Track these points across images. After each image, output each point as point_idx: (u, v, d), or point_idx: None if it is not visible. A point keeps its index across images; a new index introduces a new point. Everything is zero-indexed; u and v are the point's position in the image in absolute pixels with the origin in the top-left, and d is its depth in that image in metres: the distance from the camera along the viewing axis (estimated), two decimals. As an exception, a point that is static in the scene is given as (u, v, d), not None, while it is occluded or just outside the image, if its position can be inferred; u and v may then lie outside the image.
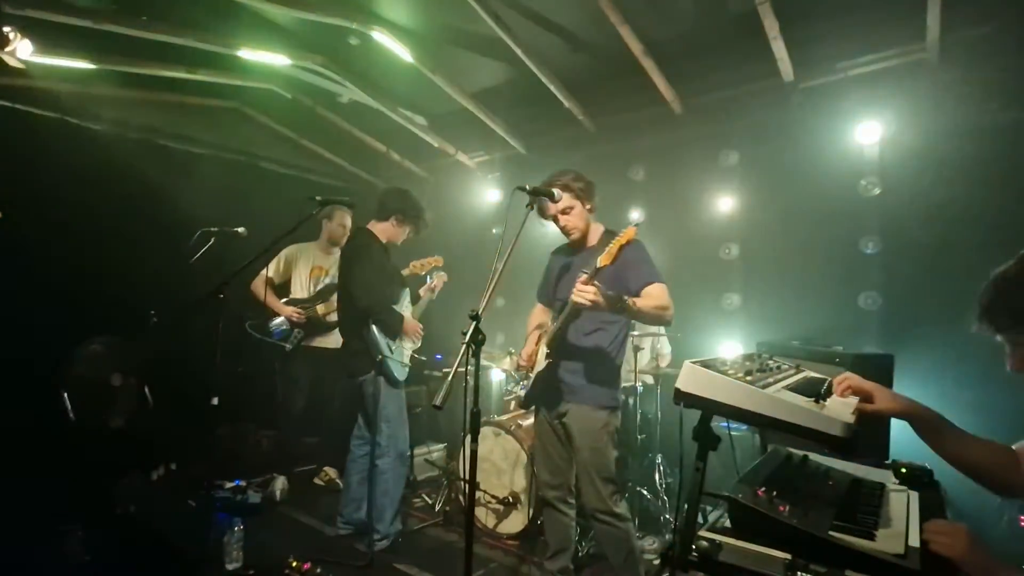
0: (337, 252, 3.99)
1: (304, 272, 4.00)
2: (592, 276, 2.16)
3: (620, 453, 2.73)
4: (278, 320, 3.87)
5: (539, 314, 2.88)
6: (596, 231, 2.62)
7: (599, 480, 2.45)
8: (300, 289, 3.99)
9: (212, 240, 3.27)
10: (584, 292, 2.16)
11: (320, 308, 3.87)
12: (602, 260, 2.15)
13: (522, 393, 2.75)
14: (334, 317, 3.84)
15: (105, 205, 3.94)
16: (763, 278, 4.00)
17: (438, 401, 1.67)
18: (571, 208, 2.51)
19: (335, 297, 3.80)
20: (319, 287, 3.97)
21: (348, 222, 4.04)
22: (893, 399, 1.45)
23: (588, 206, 2.55)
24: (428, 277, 3.72)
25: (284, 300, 3.92)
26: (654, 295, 2.34)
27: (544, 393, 2.58)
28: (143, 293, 3.52)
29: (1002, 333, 1.23)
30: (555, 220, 2.56)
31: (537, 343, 2.67)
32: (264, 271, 3.89)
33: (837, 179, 3.65)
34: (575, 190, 2.50)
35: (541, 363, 2.56)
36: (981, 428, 1.42)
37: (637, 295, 2.35)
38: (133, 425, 3.56)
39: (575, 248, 2.65)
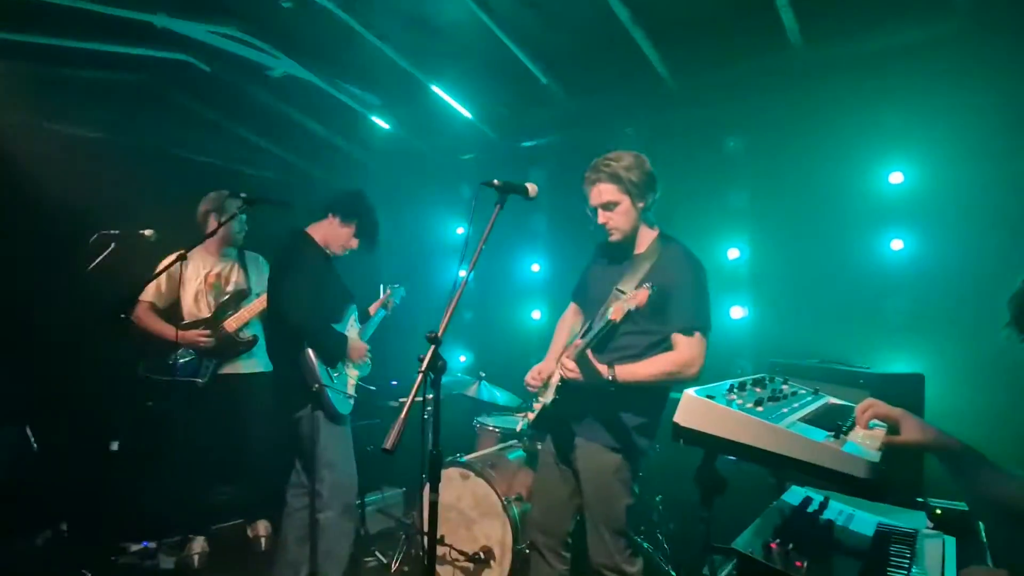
0: (233, 256, 3.90)
1: (196, 283, 3.80)
2: (587, 345, 2.19)
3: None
4: (180, 352, 3.66)
5: (571, 317, 2.86)
6: (647, 236, 2.53)
7: (608, 533, 2.43)
8: (197, 306, 3.78)
9: (112, 245, 3.16)
10: (569, 371, 2.24)
11: (231, 323, 3.74)
12: (613, 313, 2.12)
13: (520, 417, 2.74)
14: (253, 332, 3.76)
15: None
16: (775, 284, 4.07)
17: (388, 444, 1.64)
18: (616, 203, 2.42)
19: (248, 307, 3.71)
20: (223, 298, 3.80)
21: (245, 217, 3.83)
22: (922, 430, 1.47)
23: (640, 203, 2.46)
24: (381, 290, 3.67)
25: (182, 325, 3.71)
26: (672, 355, 2.32)
27: (554, 421, 2.56)
28: (22, 311, 3.39)
29: None
30: (594, 214, 2.49)
31: (558, 359, 2.64)
32: (143, 295, 3.63)
33: (859, 168, 3.75)
34: (625, 182, 2.41)
35: (554, 386, 2.49)
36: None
37: (668, 337, 2.36)
38: (12, 477, 3.42)
39: (621, 249, 2.57)
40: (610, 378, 2.23)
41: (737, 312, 4.22)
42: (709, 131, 4.28)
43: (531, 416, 2.62)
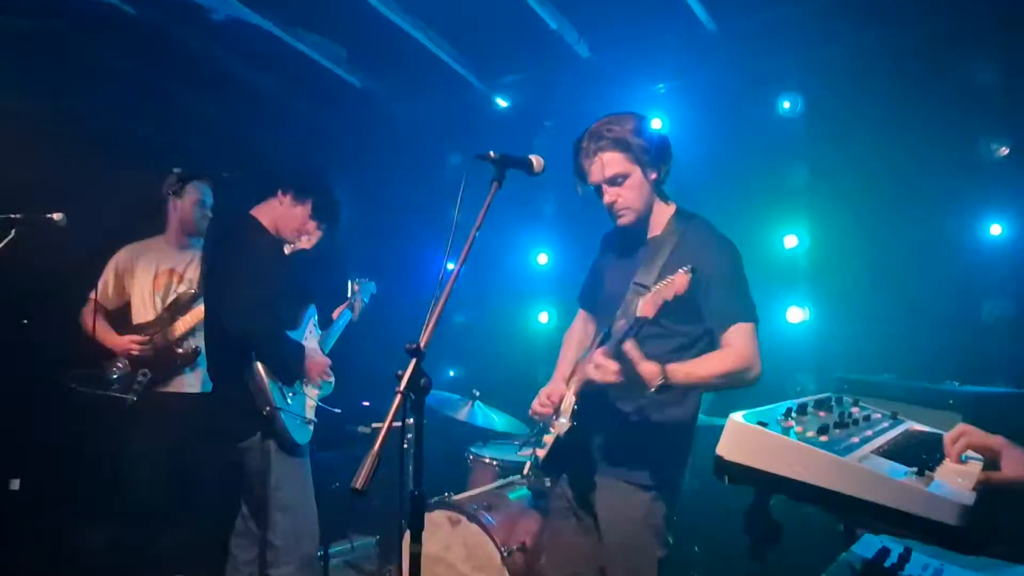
0: (197, 247, 3.92)
1: (146, 282, 3.88)
2: (620, 341, 2.15)
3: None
4: (116, 361, 3.74)
5: (581, 327, 2.87)
6: (662, 214, 2.53)
7: None
8: (144, 308, 3.87)
9: (13, 232, 3.17)
10: (603, 368, 2.17)
11: (174, 329, 3.77)
12: (644, 308, 2.11)
13: (526, 454, 2.73)
14: (199, 342, 3.76)
15: None
16: (843, 279, 4.06)
17: (358, 482, 1.63)
18: (623, 176, 2.42)
19: (199, 310, 3.72)
20: (171, 298, 3.87)
21: (210, 199, 3.96)
22: (1030, 464, 1.46)
23: (653, 174, 2.46)
24: (348, 287, 3.67)
25: (125, 329, 3.81)
26: (729, 351, 2.30)
27: (569, 456, 2.54)
28: None
29: None
30: (598, 193, 2.49)
31: (569, 379, 2.63)
32: (93, 293, 3.78)
33: (954, 135, 3.72)
34: (635, 148, 2.40)
35: (568, 412, 2.48)
36: None
37: (708, 335, 2.35)
38: None
39: (632, 235, 2.57)
40: (660, 381, 2.15)
41: (795, 315, 4.21)
42: (759, 88, 4.27)
43: (541, 453, 2.59)
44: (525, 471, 2.93)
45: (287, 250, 3.36)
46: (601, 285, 2.68)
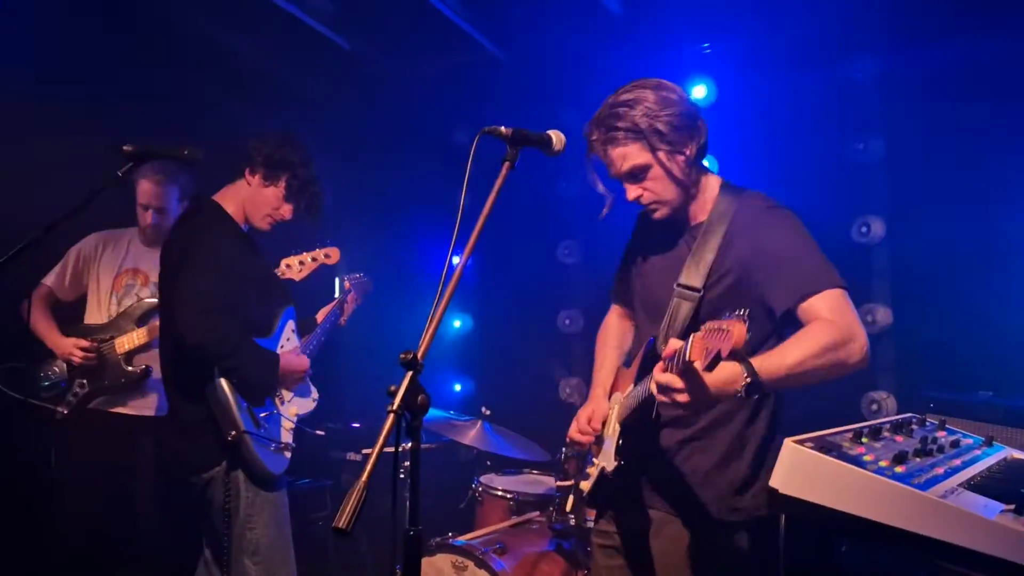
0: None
1: (106, 279, 3.97)
2: (681, 360, 1.90)
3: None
4: (54, 363, 3.81)
5: (617, 324, 2.86)
6: (706, 194, 2.50)
7: None
8: (98, 308, 3.95)
9: None
10: (668, 387, 1.97)
11: (124, 341, 3.81)
12: (694, 353, 1.87)
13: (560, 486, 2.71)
14: (151, 358, 3.77)
15: None
16: (929, 277, 4.02)
17: (342, 521, 1.63)
18: (643, 169, 2.39)
19: (150, 328, 3.76)
20: (130, 302, 3.92)
21: (163, 188, 3.91)
22: None
23: (681, 155, 2.41)
24: (337, 286, 3.68)
25: (72, 329, 3.88)
26: (818, 324, 2.14)
27: (615, 492, 2.54)
28: None
29: None
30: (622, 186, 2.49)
31: (612, 394, 2.62)
32: (47, 278, 3.88)
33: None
34: (650, 134, 2.35)
35: (614, 440, 2.46)
36: None
37: (785, 318, 2.26)
38: None
39: (672, 224, 2.55)
40: (746, 380, 2.00)
41: (871, 320, 4.18)
42: (824, 48, 4.25)
43: (586, 486, 2.58)
44: (568, 506, 2.92)
45: (282, 273, 3.41)
46: (639, 279, 2.66)
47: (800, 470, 1.41)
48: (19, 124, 4.60)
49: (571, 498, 2.80)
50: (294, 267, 3.47)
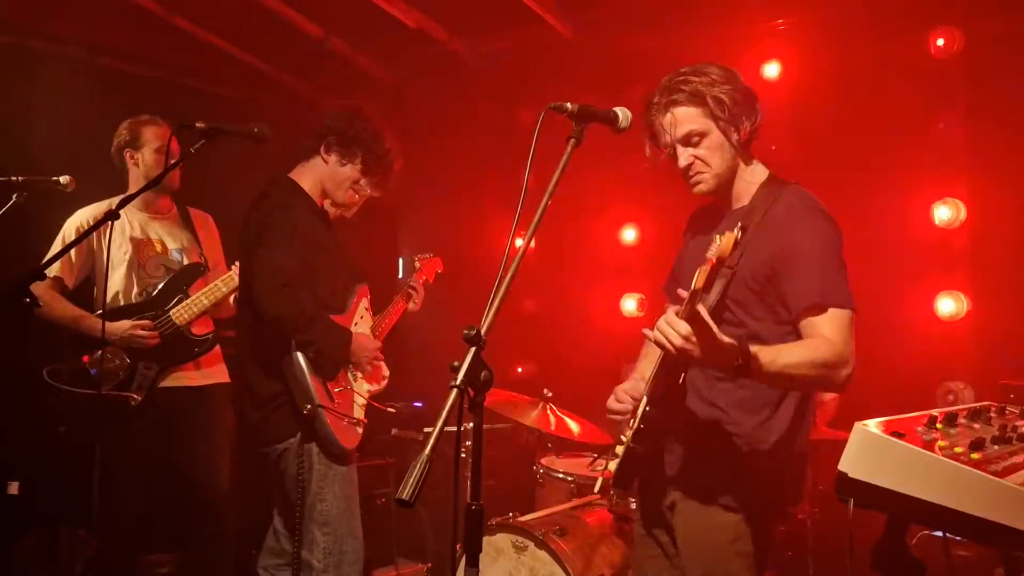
0: (173, 212, 4.01)
1: (122, 252, 3.85)
2: (694, 299, 2.04)
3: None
4: (98, 354, 3.71)
5: None
6: (750, 181, 2.54)
7: None
8: (124, 285, 3.86)
9: (15, 197, 3.32)
10: (667, 330, 2.08)
11: (181, 312, 3.87)
12: (696, 282, 2.03)
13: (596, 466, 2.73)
14: (205, 323, 3.85)
15: None
16: (1013, 264, 3.95)
17: (406, 493, 1.67)
18: (700, 134, 2.44)
19: (207, 291, 3.80)
20: (165, 277, 3.88)
21: (169, 144, 3.54)
22: None
23: (736, 134, 2.45)
24: (402, 265, 3.70)
25: (108, 312, 3.67)
26: (822, 340, 2.24)
27: (642, 470, 2.54)
28: None
29: None
30: (672, 156, 2.51)
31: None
32: (52, 269, 3.59)
33: None
34: (712, 102, 2.40)
35: (640, 412, 2.46)
36: None
37: (794, 323, 2.32)
38: None
39: (717, 210, 2.60)
40: (739, 360, 2.11)
41: (948, 306, 4.09)
42: (905, 21, 4.13)
43: (612, 464, 2.58)
44: (596, 488, 2.92)
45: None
46: (684, 272, 2.66)
47: (871, 454, 1.39)
48: (77, 98, 4.67)
49: (600, 480, 2.80)
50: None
